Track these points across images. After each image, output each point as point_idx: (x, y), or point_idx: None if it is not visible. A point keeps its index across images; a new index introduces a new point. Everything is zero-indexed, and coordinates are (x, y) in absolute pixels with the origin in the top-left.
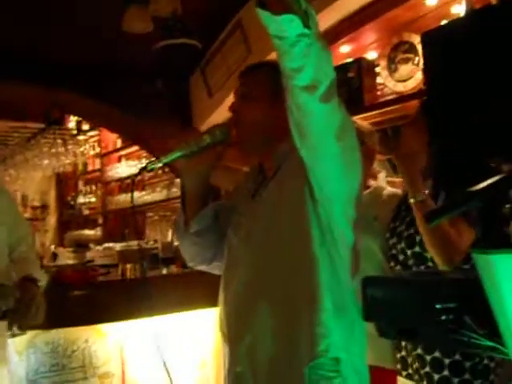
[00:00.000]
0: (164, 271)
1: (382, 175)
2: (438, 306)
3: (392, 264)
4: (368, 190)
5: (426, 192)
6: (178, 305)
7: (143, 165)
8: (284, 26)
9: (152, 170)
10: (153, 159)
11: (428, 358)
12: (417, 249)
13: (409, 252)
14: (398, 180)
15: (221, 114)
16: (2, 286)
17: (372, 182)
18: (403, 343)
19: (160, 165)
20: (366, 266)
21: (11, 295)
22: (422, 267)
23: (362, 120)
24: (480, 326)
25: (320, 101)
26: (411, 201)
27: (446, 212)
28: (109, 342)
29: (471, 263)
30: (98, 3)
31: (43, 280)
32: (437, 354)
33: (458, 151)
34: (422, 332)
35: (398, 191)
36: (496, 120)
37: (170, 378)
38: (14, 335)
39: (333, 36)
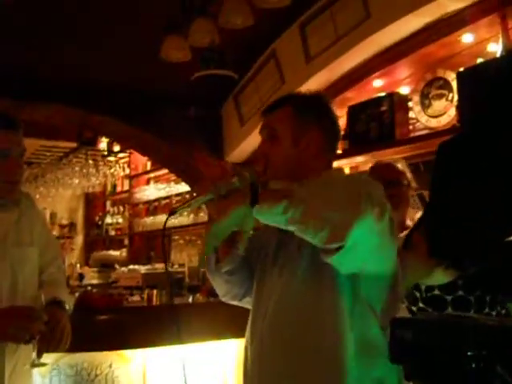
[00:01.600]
0: (190, 299)
1: (419, 215)
2: (469, 353)
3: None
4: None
5: None
6: (202, 334)
7: (174, 210)
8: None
9: (178, 212)
10: (182, 204)
11: None
12: (460, 293)
13: (449, 298)
14: None
15: (251, 143)
16: (30, 309)
17: (409, 223)
18: None
19: (189, 209)
20: None
21: (39, 318)
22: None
23: (393, 154)
24: None
25: (338, 251)
26: None
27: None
28: (132, 367)
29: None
30: (137, 31)
31: (70, 303)
32: None
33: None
34: (450, 379)
35: None
36: None
37: None
38: (33, 365)
39: (366, 70)
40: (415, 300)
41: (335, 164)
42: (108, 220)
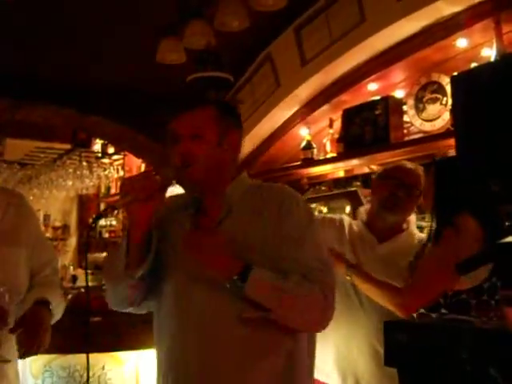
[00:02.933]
0: None
1: (413, 219)
2: (463, 356)
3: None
4: (401, 238)
5: None
6: None
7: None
8: None
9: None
10: (108, 207)
11: None
12: (484, 297)
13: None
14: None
15: (246, 145)
16: None
17: (405, 226)
18: None
19: (115, 212)
20: None
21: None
22: None
23: (388, 158)
24: (506, 380)
25: None
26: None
27: (478, 264)
28: (125, 369)
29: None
30: (133, 33)
31: (61, 306)
32: None
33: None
34: (445, 382)
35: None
36: None
37: None
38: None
39: (361, 74)
40: (437, 305)
41: (330, 166)
42: (102, 222)
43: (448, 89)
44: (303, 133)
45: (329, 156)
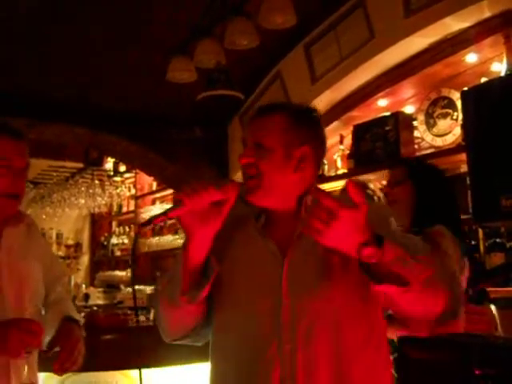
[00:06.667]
0: None
1: None
2: (476, 372)
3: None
4: None
5: None
6: (207, 355)
7: (151, 215)
8: None
9: (150, 223)
10: (161, 211)
11: None
12: None
13: None
14: None
15: None
16: (32, 323)
17: None
18: None
19: (167, 216)
20: None
21: (40, 334)
22: None
23: None
24: None
25: None
26: None
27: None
28: None
29: None
30: (143, 52)
31: (81, 321)
32: None
33: None
34: None
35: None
36: None
37: None
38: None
39: (371, 90)
40: None
41: (341, 183)
42: (114, 240)
43: (458, 104)
44: None
45: (340, 172)
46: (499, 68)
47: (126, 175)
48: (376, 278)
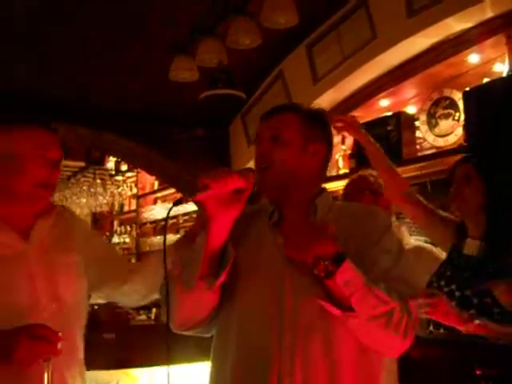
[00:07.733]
0: None
1: (404, 230)
2: (477, 372)
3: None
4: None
5: None
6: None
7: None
8: None
9: (181, 203)
10: (185, 198)
11: None
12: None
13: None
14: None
15: None
16: (45, 330)
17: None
18: None
19: (193, 198)
20: None
21: (54, 341)
22: None
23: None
24: None
25: None
26: None
27: None
28: None
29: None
30: (145, 52)
31: None
32: None
33: None
34: None
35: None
36: None
37: None
38: None
39: (373, 90)
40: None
41: (343, 183)
42: (115, 239)
43: (460, 104)
44: None
45: (341, 172)
46: (501, 68)
47: (128, 174)
48: (326, 291)
